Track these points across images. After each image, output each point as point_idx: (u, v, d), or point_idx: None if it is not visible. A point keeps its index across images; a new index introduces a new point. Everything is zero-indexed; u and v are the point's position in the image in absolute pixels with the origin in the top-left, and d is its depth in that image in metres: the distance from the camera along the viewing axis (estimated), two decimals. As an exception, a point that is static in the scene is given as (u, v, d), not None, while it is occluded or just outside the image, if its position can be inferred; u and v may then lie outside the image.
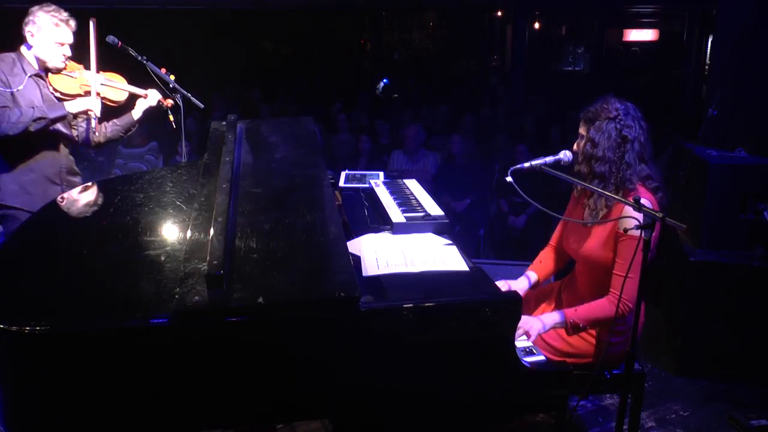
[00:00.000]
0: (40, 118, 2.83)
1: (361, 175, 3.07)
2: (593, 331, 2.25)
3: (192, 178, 2.68)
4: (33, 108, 2.86)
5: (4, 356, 1.61)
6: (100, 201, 2.69)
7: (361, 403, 1.76)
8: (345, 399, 1.75)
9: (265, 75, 12.19)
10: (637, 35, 14.91)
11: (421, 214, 2.43)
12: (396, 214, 2.41)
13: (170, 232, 2.17)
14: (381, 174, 3.06)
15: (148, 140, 6.30)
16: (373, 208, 2.64)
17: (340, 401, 1.75)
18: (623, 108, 2.22)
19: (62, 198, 2.65)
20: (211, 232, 1.78)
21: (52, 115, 2.88)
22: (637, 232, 1.87)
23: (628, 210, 2.00)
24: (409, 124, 6.36)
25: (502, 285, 2.43)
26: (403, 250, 2.14)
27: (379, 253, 2.11)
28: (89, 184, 2.91)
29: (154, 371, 1.63)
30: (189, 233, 1.87)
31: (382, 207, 2.55)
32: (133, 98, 3.28)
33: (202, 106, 3.37)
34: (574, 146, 2.33)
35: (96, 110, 3.05)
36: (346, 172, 3.12)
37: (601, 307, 2.18)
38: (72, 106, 2.98)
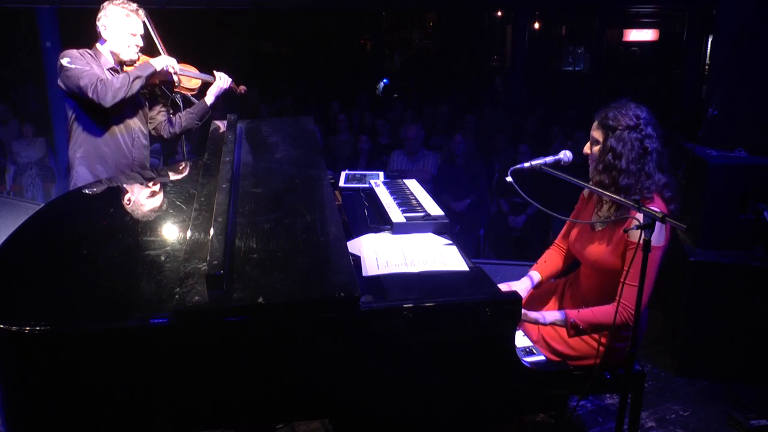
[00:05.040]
0: (136, 78, 2.90)
1: (361, 175, 3.07)
2: (595, 335, 2.24)
3: (192, 178, 2.69)
4: (126, 73, 2.93)
5: (4, 356, 1.61)
6: (100, 201, 2.70)
7: (360, 402, 1.76)
8: (345, 399, 1.75)
9: (265, 75, 12.20)
10: (637, 35, 14.94)
11: (421, 214, 2.43)
12: (396, 214, 2.41)
13: (170, 232, 2.17)
14: (381, 174, 3.06)
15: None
16: (373, 208, 2.64)
17: (340, 401, 1.75)
18: (644, 116, 2.16)
19: (62, 198, 2.65)
20: (211, 232, 1.78)
21: (144, 74, 2.95)
22: (637, 233, 1.87)
23: (632, 222, 1.94)
24: (410, 124, 6.36)
25: (504, 287, 2.42)
26: (403, 250, 2.14)
27: (379, 253, 2.11)
28: (89, 183, 2.91)
29: (154, 371, 1.63)
30: (189, 233, 1.87)
31: (382, 207, 2.55)
32: (205, 86, 3.36)
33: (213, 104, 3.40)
34: (585, 148, 2.28)
35: (176, 66, 3.14)
36: (346, 172, 3.12)
37: (605, 313, 2.14)
38: (157, 63, 3.05)
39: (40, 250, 2.12)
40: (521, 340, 2.19)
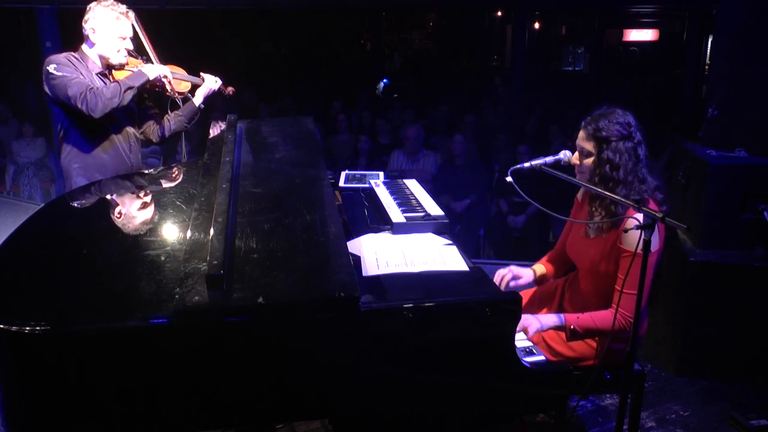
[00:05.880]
0: (129, 89, 2.83)
1: (361, 175, 3.07)
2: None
3: (192, 178, 2.68)
4: (117, 82, 2.85)
5: (4, 356, 1.61)
6: (100, 201, 2.70)
7: (360, 402, 1.76)
8: (345, 399, 1.75)
9: (265, 75, 12.20)
10: (637, 35, 14.93)
11: (421, 214, 2.43)
12: (396, 214, 2.41)
13: (170, 232, 2.17)
14: (381, 174, 3.06)
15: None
16: (373, 208, 2.64)
17: (340, 401, 1.75)
18: (633, 123, 2.15)
19: (63, 198, 2.65)
20: (211, 232, 1.78)
21: (136, 84, 2.87)
22: (637, 233, 1.87)
23: (632, 222, 1.92)
24: (410, 124, 6.37)
25: (506, 272, 2.40)
26: (403, 250, 2.14)
27: (379, 253, 2.11)
28: (90, 184, 2.91)
29: (154, 371, 1.63)
30: (189, 233, 1.87)
31: (382, 207, 2.55)
32: (194, 88, 3.31)
33: (202, 105, 3.38)
34: (574, 159, 2.25)
35: (169, 75, 3.08)
36: (346, 172, 3.12)
37: (603, 319, 2.14)
38: (149, 72, 2.97)
39: (40, 250, 2.12)
40: (521, 340, 2.19)
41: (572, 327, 2.16)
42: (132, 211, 2.46)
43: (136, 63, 3.08)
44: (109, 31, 2.90)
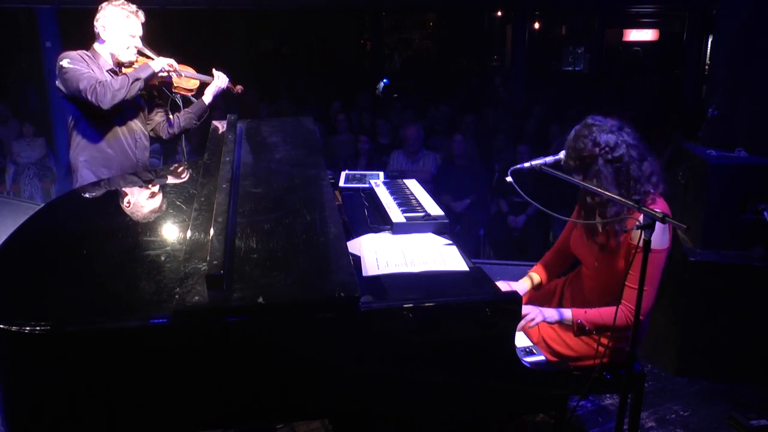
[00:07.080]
0: (136, 80, 2.90)
1: (361, 175, 3.07)
2: (595, 335, 2.24)
3: (192, 178, 2.69)
4: (125, 75, 2.92)
5: (4, 356, 1.61)
6: (101, 201, 2.70)
7: (360, 402, 1.76)
8: (345, 399, 1.75)
9: (265, 75, 12.19)
10: (637, 35, 14.94)
11: (421, 214, 2.43)
12: (396, 214, 2.41)
13: (170, 232, 2.17)
14: (381, 174, 3.06)
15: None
16: (373, 208, 2.64)
17: (340, 401, 1.75)
18: (599, 132, 2.11)
19: (63, 197, 2.65)
20: (211, 232, 1.78)
21: (143, 76, 2.95)
22: (638, 233, 1.87)
23: (633, 222, 1.92)
24: (410, 124, 6.37)
25: (503, 286, 2.42)
26: (403, 250, 2.14)
27: (379, 253, 2.11)
28: (90, 184, 2.91)
29: (154, 371, 1.63)
30: (189, 233, 1.87)
31: (382, 207, 2.55)
32: (203, 86, 3.36)
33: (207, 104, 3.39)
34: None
35: (174, 64, 3.14)
36: (346, 172, 3.12)
37: (612, 315, 2.13)
38: (155, 64, 3.04)
39: (41, 250, 2.12)
40: (521, 340, 2.19)
41: (579, 321, 2.16)
42: (132, 211, 2.46)
43: (144, 61, 3.13)
44: (119, 29, 3.00)
